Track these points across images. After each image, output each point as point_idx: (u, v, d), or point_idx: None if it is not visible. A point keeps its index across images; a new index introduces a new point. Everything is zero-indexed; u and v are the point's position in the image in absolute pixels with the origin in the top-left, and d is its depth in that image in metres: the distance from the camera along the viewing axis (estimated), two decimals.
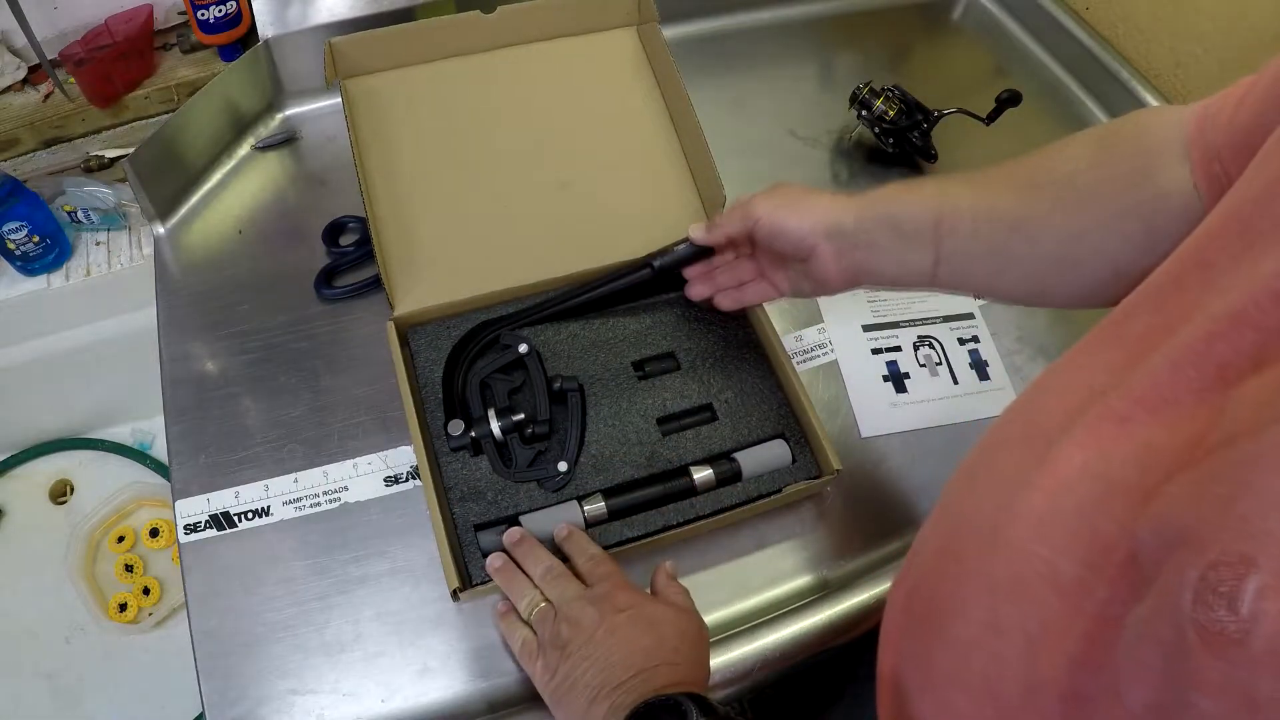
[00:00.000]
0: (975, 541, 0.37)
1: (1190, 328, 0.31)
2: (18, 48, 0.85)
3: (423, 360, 0.64)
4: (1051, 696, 0.31)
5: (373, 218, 0.66)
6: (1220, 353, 0.29)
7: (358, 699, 0.56)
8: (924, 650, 0.40)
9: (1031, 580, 0.33)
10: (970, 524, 0.38)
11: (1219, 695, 0.23)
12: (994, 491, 0.37)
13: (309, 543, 0.61)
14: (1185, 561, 0.24)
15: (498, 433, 0.60)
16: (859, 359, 0.73)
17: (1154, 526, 0.27)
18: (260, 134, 0.83)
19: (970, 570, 0.36)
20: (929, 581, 0.40)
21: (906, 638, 0.43)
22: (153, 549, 1.11)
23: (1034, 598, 0.32)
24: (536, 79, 0.75)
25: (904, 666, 0.42)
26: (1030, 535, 0.33)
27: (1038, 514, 0.33)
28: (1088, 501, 0.31)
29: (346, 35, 0.70)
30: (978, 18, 1.04)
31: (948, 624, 0.37)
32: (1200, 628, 0.23)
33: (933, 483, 0.67)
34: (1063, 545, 0.32)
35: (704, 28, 0.97)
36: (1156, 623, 0.25)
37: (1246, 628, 0.22)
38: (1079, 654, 0.30)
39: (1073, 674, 0.30)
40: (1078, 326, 0.77)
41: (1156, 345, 0.32)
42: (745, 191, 0.58)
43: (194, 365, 0.69)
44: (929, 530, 0.43)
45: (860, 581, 0.60)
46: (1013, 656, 0.33)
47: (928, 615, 0.40)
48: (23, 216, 0.79)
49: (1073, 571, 0.31)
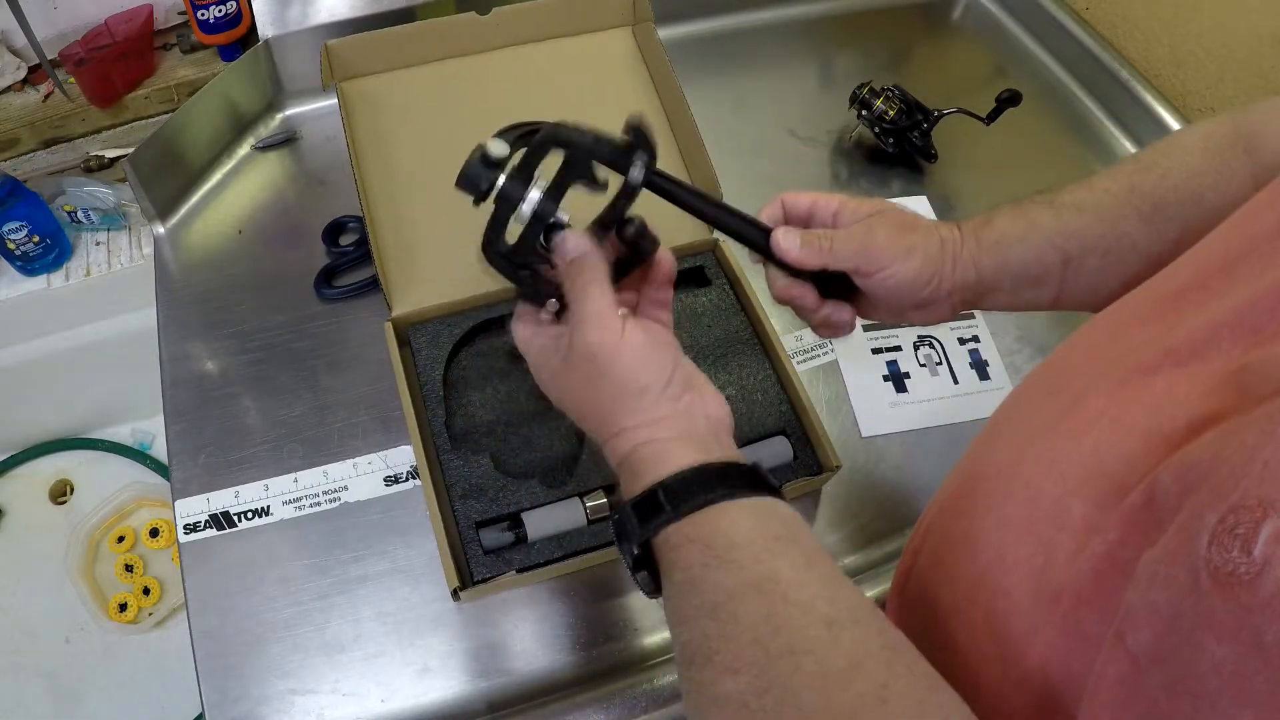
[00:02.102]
0: (990, 484, 0.37)
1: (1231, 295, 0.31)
2: (18, 48, 0.85)
3: (423, 359, 0.64)
4: (1054, 634, 0.31)
5: (370, 220, 0.66)
6: (1258, 315, 0.29)
7: (357, 699, 0.56)
8: (930, 588, 0.40)
9: (1040, 518, 0.33)
10: (988, 470, 0.38)
11: (1228, 638, 0.23)
12: (1014, 440, 0.37)
13: (309, 542, 0.61)
14: (1205, 505, 0.24)
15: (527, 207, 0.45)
16: (859, 358, 0.73)
17: (1176, 471, 0.27)
18: (260, 134, 0.83)
19: (982, 508, 0.37)
20: (943, 520, 0.40)
21: (914, 578, 0.43)
22: (153, 549, 1.11)
23: (1041, 534, 0.33)
24: (532, 79, 0.75)
25: (909, 607, 0.42)
26: (1043, 474, 0.34)
27: (1052, 454, 0.34)
28: (1102, 442, 0.32)
29: (342, 38, 0.70)
30: (978, 18, 1.04)
31: (956, 561, 0.38)
32: (1214, 569, 0.23)
33: (933, 482, 0.67)
34: (1074, 484, 0.32)
35: (704, 28, 0.98)
36: (1170, 564, 0.25)
37: (1258, 570, 0.22)
38: (1085, 593, 0.30)
39: (1078, 611, 0.30)
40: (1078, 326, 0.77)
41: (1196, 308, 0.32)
42: (745, 191, 0.57)
43: (194, 365, 0.69)
44: (948, 479, 0.43)
45: (860, 580, 0.60)
46: (1018, 592, 0.33)
47: (937, 554, 0.40)
48: (23, 216, 0.79)
49: (1082, 510, 0.31)
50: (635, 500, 0.39)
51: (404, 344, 0.66)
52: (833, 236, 0.48)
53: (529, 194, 0.45)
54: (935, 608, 0.39)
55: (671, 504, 0.37)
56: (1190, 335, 0.32)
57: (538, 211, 0.45)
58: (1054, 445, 0.34)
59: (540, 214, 0.45)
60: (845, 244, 0.48)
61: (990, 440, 0.40)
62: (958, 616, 0.37)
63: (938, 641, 0.38)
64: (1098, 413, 0.33)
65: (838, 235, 0.48)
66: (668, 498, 0.38)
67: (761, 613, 0.33)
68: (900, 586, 0.45)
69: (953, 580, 0.38)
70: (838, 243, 0.48)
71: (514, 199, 0.45)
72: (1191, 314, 0.33)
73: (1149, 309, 0.36)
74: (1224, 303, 0.31)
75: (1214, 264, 0.35)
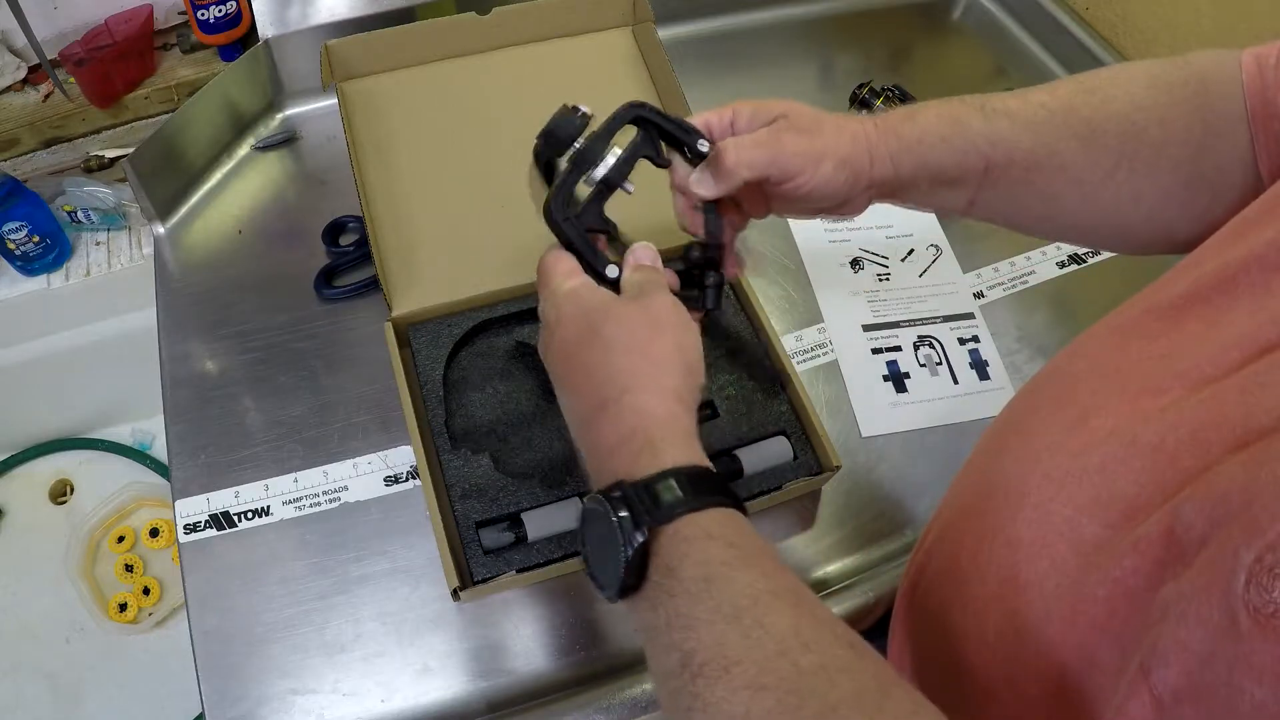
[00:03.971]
0: (998, 502, 0.36)
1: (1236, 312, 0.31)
2: (18, 48, 0.85)
3: (423, 359, 0.64)
4: (1066, 658, 0.31)
5: (370, 220, 0.66)
6: (1269, 336, 0.29)
7: (357, 699, 0.56)
8: (939, 608, 0.39)
9: (1051, 538, 0.32)
10: (994, 486, 0.37)
11: (1270, 680, 0.22)
12: (1021, 455, 0.37)
13: (309, 542, 0.61)
14: (1237, 541, 0.24)
15: (601, 170, 0.46)
16: (859, 359, 0.73)
17: (1200, 504, 0.26)
18: (260, 134, 0.83)
19: (990, 528, 0.36)
20: (950, 539, 0.40)
21: (919, 596, 0.42)
22: (153, 549, 1.11)
23: (1053, 556, 0.32)
24: (532, 79, 0.75)
25: (916, 625, 0.42)
26: (1053, 494, 0.33)
27: (1061, 473, 0.33)
28: (1111, 460, 0.31)
29: (342, 38, 0.70)
30: (978, 18, 1.04)
31: (965, 582, 0.37)
32: (1253, 610, 0.22)
33: (933, 482, 0.67)
34: (1084, 503, 0.32)
35: (704, 28, 0.97)
36: (1201, 603, 0.24)
37: None
38: (1100, 620, 0.29)
39: (1092, 638, 0.30)
40: (1078, 327, 0.77)
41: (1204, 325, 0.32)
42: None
43: (194, 365, 0.69)
44: (952, 493, 0.43)
45: (860, 580, 0.60)
46: (1029, 614, 0.33)
47: (944, 573, 0.39)
48: (23, 216, 0.79)
49: (1093, 530, 0.31)
50: (646, 480, 0.35)
51: (404, 344, 0.66)
52: (738, 149, 0.46)
53: (606, 158, 0.46)
54: (944, 628, 0.39)
55: (689, 492, 0.34)
56: (1198, 357, 0.31)
57: (609, 176, 0.46)
58: (1062, 464, 0.34)
59: (611, 179, 0.46)
60: (752, 155, 0.45)
61: (996, 453, 0.40)
62: (968, 638, 0.37)
63: (947, 662, 0.38)
64: (1107, 432, 0.32)
65: (742, 147, 0.46)
66: (684, 485, 0.34)
67: (789, 624, 0.30)
68: (906, 603, 0.44)
69: (962, 601, 0.37)
70: (742, 157, 0.45)
71: (592, 160, 0.46)
72: (1198, 333, 0.32)
73: (1153, 323, 0.35)
74: (1231, 321, 0.31)
75: (1211, 276, 0.34)
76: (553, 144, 0.46)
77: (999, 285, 0.79)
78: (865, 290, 0.76)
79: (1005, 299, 0.78)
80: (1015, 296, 0.78)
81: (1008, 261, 0.80)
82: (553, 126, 0.46)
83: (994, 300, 0.77)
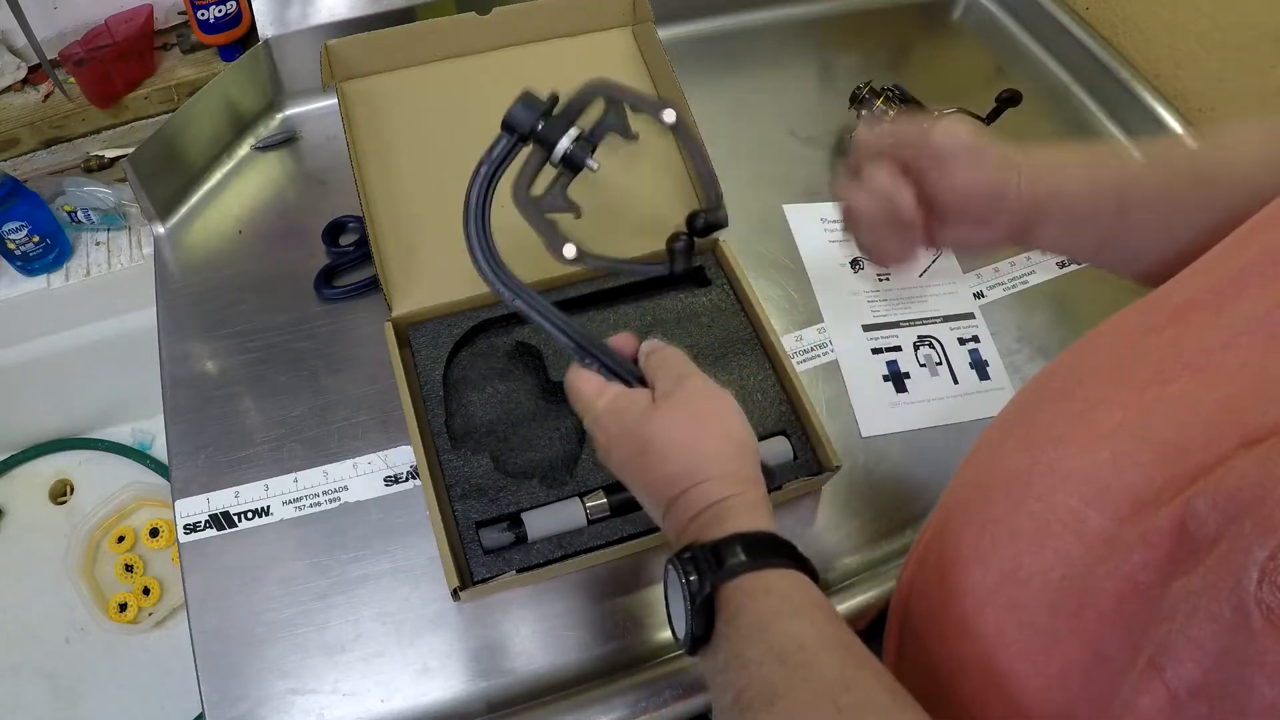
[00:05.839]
0: (1001, 493, 0.36)
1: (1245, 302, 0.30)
2: (18, 48, 0.85)
3: (423, 359, 0.64)
4: (1071, 650, 0.31)
5: (370, 220, 0.66)
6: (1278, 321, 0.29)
7: (357, 699, 0.56)
8: (938, 600, 0.39)
9: (1057, 530, 0.32)
10: (998, 477, 0.38)
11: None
12: (1026, 446, 0.37)
13: (309, 542, 0.61)
14: (1250, 539, 0.24)
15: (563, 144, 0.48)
16: (859, 359, 0.73)
17: (1213, 498, 0.26)
18: (260, 134, 0.83)
19: (993, 519, 0.36)
20: (950, 530, 0.40)
21: (919, 587, 0.42)
22: (153, 549, 1.11)
23: (1058, 548, 0.32)
24: (532, 80, 0.75)
25: (914, 619, 0.42)
26: (1059, 486, 0.33)
27: (1068, 466, 0.33)
28: (1120, 453, 0.31)
29: (342, 38, 0.70)
30: (978, 18, 1.04)
31: (966, 573, 0.37)
32: (1267, 608, 0.22)
33: (933, 482, 0.67)
34: (1092, 496, 0.31)
35: (704, 28, 0.97)
36: (1213, 599, 0.24)
37: None
38: (1109, 613, 0.29)
39: (1099, 631, 0.30)
40: (1078, 326, 0.77)
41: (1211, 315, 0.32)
42: (745, 191, 0.56)
43: (194, 365, 0.69)
44: (954, 484, 0.43)
45: (860, 580, 0.60)
46: (1034, 605, 0.33)
47: (945, 565, 0.39)
48: (23, 216, 0.79)
49: (1100, 523, 0.31)
50: (714, 543, 0.39)
51: (404, 344, 0.66)
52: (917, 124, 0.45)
53: (563, 140, 0.47)
54: (942, 622, 0.39)
55: (750, 554, 0.38)
56: (1206, 344, 0.31)
57: (570, 156, 0.47)
58: (1067, 455, 0.33)
59: (573, 158, 0.48)
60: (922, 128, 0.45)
61: (997, 447, 0.40)
62: (967, 631, 0.37)
63: (943, 657, 0.38)
64: (1115, 425, 0.32)
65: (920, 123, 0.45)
66: (747, 548, 0.38)
67: (834, 668, 0.33)
68: (904, 599, 0.44)
69: (961, 593, 0.37)
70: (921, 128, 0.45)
71: (553, 142, 0.47)
72: (1206, 322, 0.32)
73: (1159, 317, 0.35)
74: (1237, 309, 0.31)
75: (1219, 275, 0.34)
76: (513, 130, 0.48)
77: (999, 285, 0.79)
78: (865, 290, 0.76)
79: (1005, 299, 0.78)
80: (1015, 296, 0.78)
81: (1008, 261, 0.80)
82: (510, 114, 0.48)
83: (994, 300, 0.77)
